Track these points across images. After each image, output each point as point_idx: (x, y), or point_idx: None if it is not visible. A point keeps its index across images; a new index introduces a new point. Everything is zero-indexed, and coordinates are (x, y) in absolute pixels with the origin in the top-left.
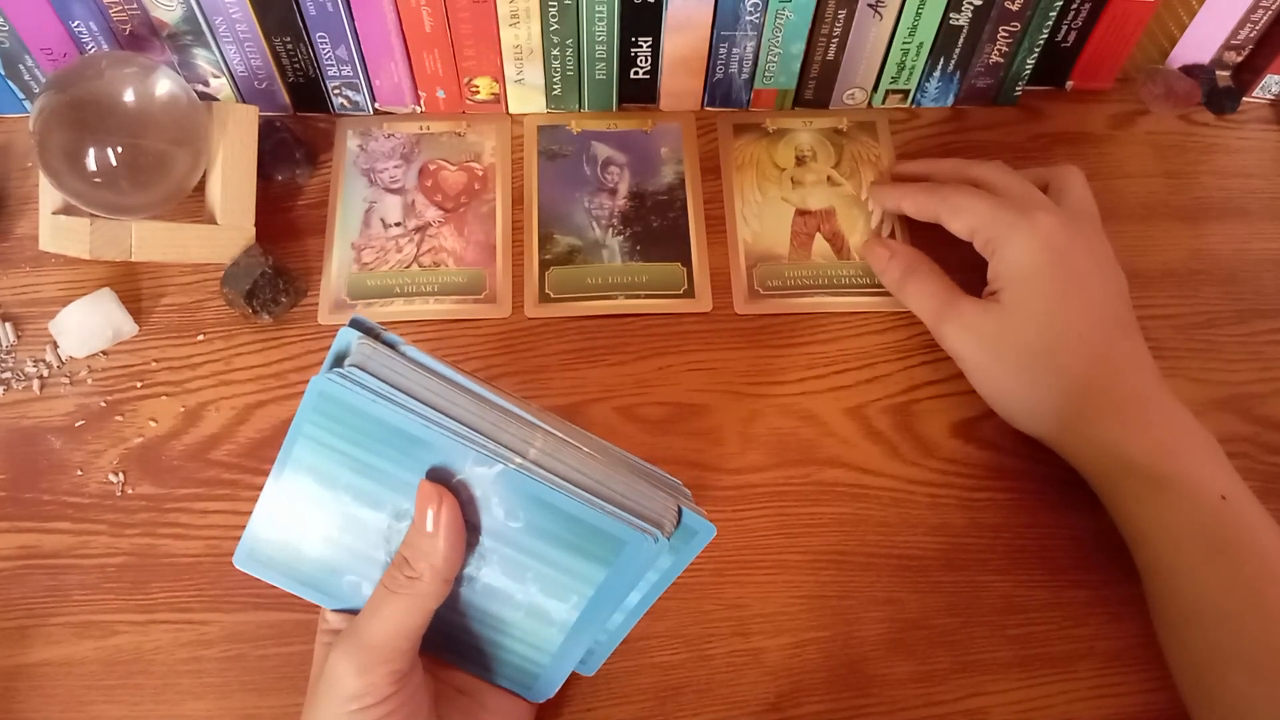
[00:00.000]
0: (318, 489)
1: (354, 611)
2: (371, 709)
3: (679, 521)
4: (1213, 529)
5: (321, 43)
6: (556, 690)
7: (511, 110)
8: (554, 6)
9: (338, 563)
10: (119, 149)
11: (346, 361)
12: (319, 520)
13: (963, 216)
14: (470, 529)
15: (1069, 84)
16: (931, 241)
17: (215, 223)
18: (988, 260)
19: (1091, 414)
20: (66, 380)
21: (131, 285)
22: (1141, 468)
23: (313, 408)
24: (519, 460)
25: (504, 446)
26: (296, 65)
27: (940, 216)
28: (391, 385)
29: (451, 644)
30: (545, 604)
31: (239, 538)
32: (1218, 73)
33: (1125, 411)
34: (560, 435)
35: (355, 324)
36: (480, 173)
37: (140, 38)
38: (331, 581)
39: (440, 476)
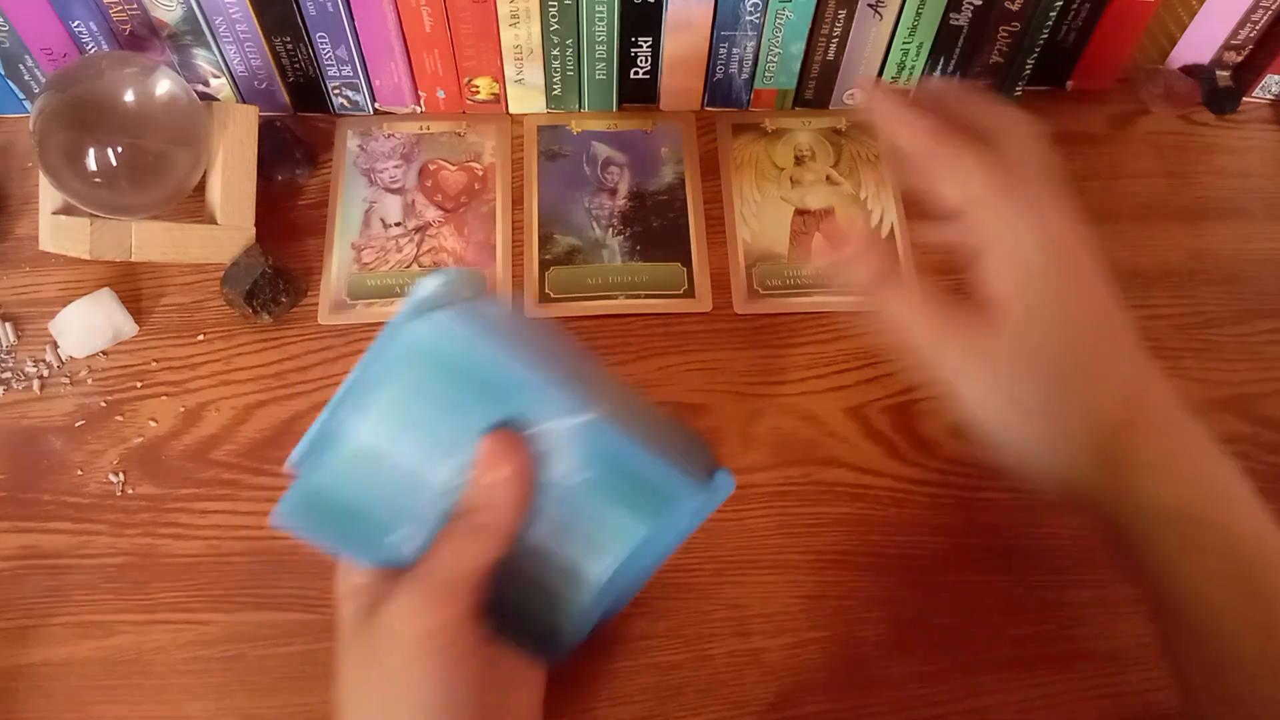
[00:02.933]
0: (382, 440)
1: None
2: (446, 649)
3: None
4: (1250, 572)
5: (321, 43)
6: (572, 650)
7: (511, 110)
8: (554, 6)
9: (385, 519)
10: (119, 149)
11: (431, 311)
12: (375, 473)
13: (962, 182)
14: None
15: (1069, 84)
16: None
17: (215, 223)
18: (975, 245)
19: (1129, 454)
20: (66, 380)
21: (131, 285)
22: (1182, 513)
23: (397, 356)
24: (594, 413)
25: (582, 399)
26: (296, 65)
27: (936, 170)
28: (478, 333)
29: None
30: (583, 563)
31: (239, 537)
32: (1218, 73)
33: (1162, 448)
34: (624, 391)
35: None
36: (480, 173)
37: (140, 38)
38: (373, 538)
39: (513, 428)
